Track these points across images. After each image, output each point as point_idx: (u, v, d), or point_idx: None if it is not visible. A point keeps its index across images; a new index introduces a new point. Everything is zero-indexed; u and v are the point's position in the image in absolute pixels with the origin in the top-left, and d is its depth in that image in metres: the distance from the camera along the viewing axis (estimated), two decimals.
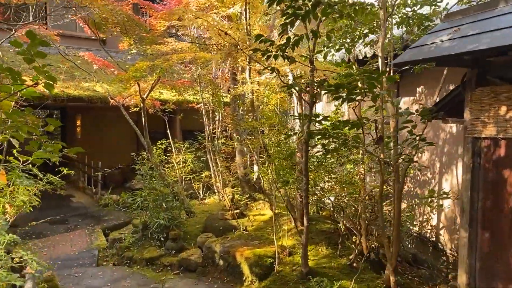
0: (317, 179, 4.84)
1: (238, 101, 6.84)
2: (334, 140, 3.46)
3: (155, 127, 12.67)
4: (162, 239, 6.16)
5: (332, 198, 5.35)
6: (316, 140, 4.43)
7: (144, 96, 6.27)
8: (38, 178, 4.68)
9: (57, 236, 7.70)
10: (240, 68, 6.72)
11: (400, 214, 4.31)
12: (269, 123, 5.65)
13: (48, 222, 8.79)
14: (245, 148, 7.54)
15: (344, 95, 2.93)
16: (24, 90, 2.93)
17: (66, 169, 4.86)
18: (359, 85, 2.91)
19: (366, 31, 4.41)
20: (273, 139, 5.61)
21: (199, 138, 9.06)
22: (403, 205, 5.93)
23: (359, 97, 2.95)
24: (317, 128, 4.08)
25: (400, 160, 3.73)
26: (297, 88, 3.83)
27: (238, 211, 6.49)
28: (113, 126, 12.26)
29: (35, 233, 7.88)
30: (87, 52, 7.14)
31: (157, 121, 12.64)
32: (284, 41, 3.22)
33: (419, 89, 5.81)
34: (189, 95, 10.31)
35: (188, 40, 7.16)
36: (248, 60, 5.03)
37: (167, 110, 8.38)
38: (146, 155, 7.37)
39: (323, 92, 5.15)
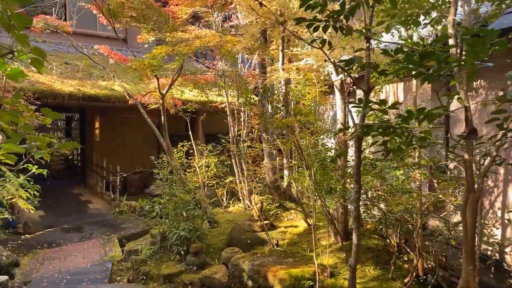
0: (367, 187, 4.02)
1: (267, 97, 6.09)
2: (396, 136, 2.67)
3: (176, 129, 12.10)
4: (182, 252, 5.44)
5: (378, 209, 4.51)
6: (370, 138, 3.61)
7: (164, 92, 5.61)
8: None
9: (70, 246, 7.10)
10: (270, 60, 5.99)
11: (474, 231, 3.45)
12: (305, 121, 4.88)
13: (63, 229, 8.27)
14: (274, 151, 6.78)
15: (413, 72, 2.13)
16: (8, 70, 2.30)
17: (36, 167, 4.10)
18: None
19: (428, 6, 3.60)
20: (309, 139, 4.83)
21: (223, 140, 8.37)
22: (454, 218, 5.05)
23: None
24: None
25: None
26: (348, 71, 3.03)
27: (267, 222, 5.70)
28: (133, 128, 11.73)
29: (47, 241, 7.32)
30: (103, 45, 6.57)
31: (178, 123, 12.06)
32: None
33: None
34: (212, 94, 9.65)
35: (213, 29, 6.48)
36: (282, 42, 4.30)
37: (189, 110, 7.71)
38: (166, 158, 6.71)
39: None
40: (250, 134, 8.15)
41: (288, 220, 6.29)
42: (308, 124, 5.09)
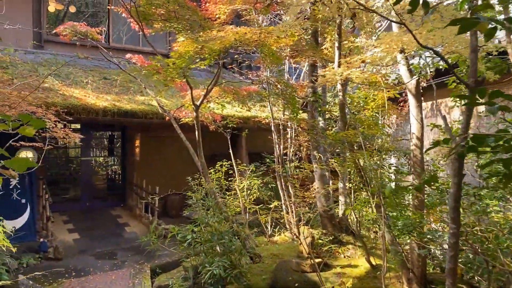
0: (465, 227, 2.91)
1: (318, 107, 5.14)
2: None
3: (219, 147, 11.39)
4: None
5: (475, 253, 3.34)
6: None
7: (198, 103, 4.85)
8: None
9: (98, 276, 6.44)
10: (323, 63, 5.07)
11: None
12: (369, 135, 3.87)
13: (95, 255, 7.70)
14: (327, 173, 5.76)
15: None
16: None
17: None
18: None
19: None
20: (374, 158, 3.80)
21: (268, 160, 7.48)
22: None
23: None
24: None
25: None
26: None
27: (320, 260, 4.66)
28: (175, 147, 11.16)
29: (77, 269, 6.73)
30: (138, 55, 5.99)
31: (221, 140, 11.34)
32: None
33: None
34: (256, 110, 8.85)
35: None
36: (338, 37, 3.36)
37: (230, 126, 6.93)
38: (200, 179, 5.93)
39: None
40: (297, 152, 7.20)
41: (345, 257, 5.19)
42: (371, 140, 4.09)
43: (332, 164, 4.90)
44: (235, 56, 9.42)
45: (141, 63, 5.67)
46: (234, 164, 6.81)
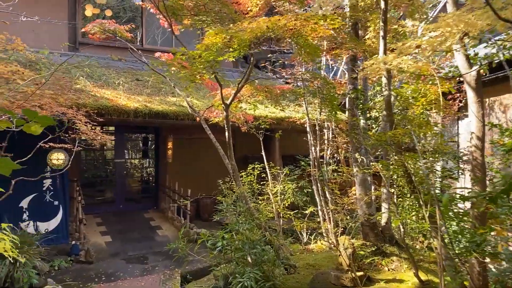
0: None
1: (359, 105, 4.69)
2: None
3: (252, 150, 11.09)
4: None
5: None
6: None
7: (228, 102, 4.55)
8: None
9: (127, 281, 6.27)
10: (364, 56, 4.63)
11: None
12: (420, 134, 3.41)
13: (126, 259, 7.57)
14: (369, 178, 5.29)
15: None
16: None
17: None
18: None
19: None
20: (425, 162, 3.32)
21: (302, 163, 7.09)
22: None
23: None
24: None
25: None
26: None
27: (361, 273, 4.22)
28: (207, 149, 10.95)
29: (107, 273, 6.60)
30: (169, 54, 5.78)
31: (254, 143, 11.04)
32: None
33: None
34: (290, 110, 8.47)
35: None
36: (383, 25, 2.94)
37: (262, 127, 6.59)
38: (231, 182, 5.62)
39: None
40: (335, 155, 6.75)
41: (389, 270, 4.71)
42: (421, 140, 3.62)
43: (376, 167, 4.44)
44: (268, 55, 9.09)
45: (170, 61, 5.44)
46: (267, 166, 6.46)
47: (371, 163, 4.96)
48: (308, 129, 6.39)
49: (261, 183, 6.68)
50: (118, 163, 10.45)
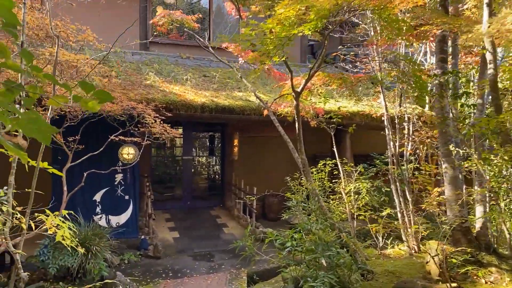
0: None
1: (451, 92, 4.07)
2: None
3: (318, 148, 10.64)
4: None
5: None
6: None
7: (299, 89, 4.16)
8: None
9: (193, 278, 6.15)
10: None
11: None
12: None
13: (193, 256, 7.51)
14: (460, 175, 4.61)
15: None
16: None
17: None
18: None
19: None
20: None
21: (377, 162, 6.50)
22: None
23: None
24: None
25: None
26: None
27: (455, 285, 3.61)
28: (273, 146, 10.69)
29: (174, 269, 6.55)
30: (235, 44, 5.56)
31: (321, 141, 10.54)
32: None
33: None
34: (363, 103, 7.89)
35: None
36: None
37: (334, 121, 6.12)
38: (300, 178, 5.24)
39: None
40: (417, 151, 6.08)
41: (486, 283, 4.02)
42: None
43: (476, 163, 3.78)
44: (339, 47, 8.57)
45: (237, 52, 5.22)
46: (339, 163, 5.97)
47: (462, 158, 4.29)
48: (385, 122, 5.82)
49: (332, 181, 6.21)
50: (186, 161, 10.55)
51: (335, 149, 5.95)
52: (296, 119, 4.40)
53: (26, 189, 2.52)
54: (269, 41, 3.33)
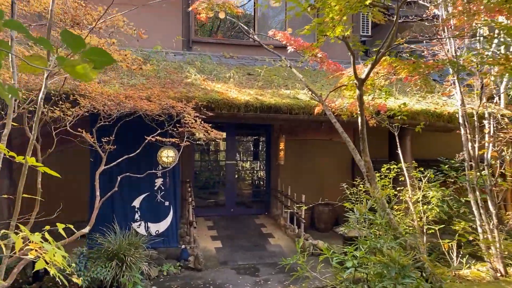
0: None
1: None
2: None
3: (373, 153, 9.72)
4: None
5: None
6: None
7: (363, 77, 3.41)
8: None
9: None
10: None
11: None
12: None
13: (236, 269, 6.89)
14: None
15: None
16: None
17: None
18: None
19: None
20: None
21: (445, 168, 5.60)
22: None
23: None
24: None
25: None
26: None
27: None
28: (323, 151, 9.94)
29: (215, 283, 5.96)
30: (283, 33, 4.92)
31: (377, 145, 9.64)
32: None
33: None
34: (426, 101, 6.97)
35: None
36: None
37: (399, 117, 5.29)
38: (363, 186, 4.47)
39: None
40: (502, 153, 5.10)
41: None
42: None
43: None
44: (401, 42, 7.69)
45: (286, 40, 4.57)
46: (404, 168, 5.12)
47: None
48: (460, 120, 4.92)
49: (395, 189, 5.37)
50: (229, 166, 10.01)
51: (399, 152, 5.11)
52: (359, 112, 3.65)
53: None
54: (333, 3, 2.64)
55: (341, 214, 9.52)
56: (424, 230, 5.02)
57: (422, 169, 5.30)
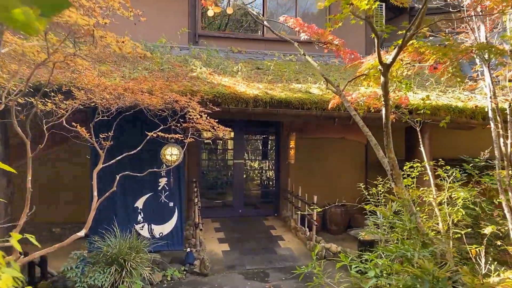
0: None
1: None
2: None
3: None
4: None
5: None
6: None
7: (388, 61, 3.00)
8: None
9: None
10: None
11: None
12: None
13: (244, 274, 6.51)
14: None
15: None
16: None
17: None
18: None
19: None
20: None
21: (468, 167, 5.16)
22: None
23: None
24: None
25: None
26: None
27: None
28: (335, 150, 9.52)
29: None
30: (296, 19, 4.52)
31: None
32: None
33: None
34: (447, 96, 6.53)
35: None
36: None
37: (422, 112, 4.86)
38: (379, 185, 4.05)
39: None
40: None
41: None
42: None
43: None
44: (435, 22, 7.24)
45: (299, 26, 4.17)
46: (428, 167, 4.69)
47: None
48: (490, 114, 4.48)
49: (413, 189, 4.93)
50: (237, 165, 9.62)
51: (422, 148, 4.68)
52: (383, 102, 3.21)
53: None
54: None
55: (354, 215, 9.12)
56: (450, 234, 4.58)
57: (448, 167, 4.86)
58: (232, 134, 9.68)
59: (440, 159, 5.93)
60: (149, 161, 6.00)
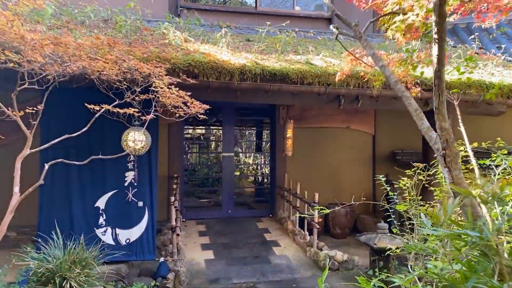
0: None
1: None
2: None
3: (397, 143, 8.27)
4: None
5: None
6: None
7: None
8: None
9: None
10: None
11: None
12: None
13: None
14: None
15: None
16: None
17: None
18: None
19: None
20: None
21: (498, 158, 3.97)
22: None
23: None
24: None
25: None
26: None
27: None
28: (338, 142, 8.35)
29: None
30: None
31: (401, 132, 8.07)
32: None
33: None
34: (478, 71, 5.37)
35: None
36: None
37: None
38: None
39: None
40: None
41: None
42: None
43: None
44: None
45: None
46: (471, 154, 3.50)
47: None
48: None
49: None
50: (227, 158, 8.40)
51: (462, 128, 3.48)
52: (436, 39, 2.00)
53: None
54: None
55: (360, 216, 7.95)
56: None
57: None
58: (221, 124, 8.48)
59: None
60: (112, 150, 4.74)
